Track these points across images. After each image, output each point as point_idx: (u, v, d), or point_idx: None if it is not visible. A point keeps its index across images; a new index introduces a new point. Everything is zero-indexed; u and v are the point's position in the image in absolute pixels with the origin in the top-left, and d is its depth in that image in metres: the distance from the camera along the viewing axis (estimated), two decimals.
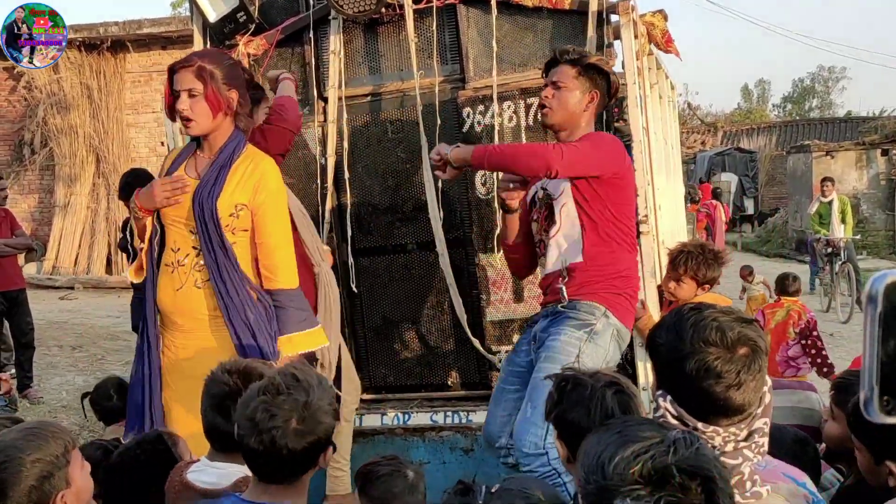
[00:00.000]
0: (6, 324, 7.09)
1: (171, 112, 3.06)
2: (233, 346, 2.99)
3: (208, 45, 4.20)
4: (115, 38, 13.50)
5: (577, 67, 3.21)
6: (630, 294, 3.27)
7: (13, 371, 6.79)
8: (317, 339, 3.15)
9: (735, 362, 1.64)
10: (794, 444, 2.54)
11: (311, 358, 3.17)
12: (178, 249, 3.06)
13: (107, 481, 2.59)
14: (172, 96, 3.01)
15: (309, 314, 3.16)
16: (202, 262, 3.03)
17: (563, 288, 3.16)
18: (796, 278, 6.66)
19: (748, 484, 1.65)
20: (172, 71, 3.03)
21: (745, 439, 1.68)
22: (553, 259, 3.27)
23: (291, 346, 3.06)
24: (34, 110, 14.06)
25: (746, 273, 9.12)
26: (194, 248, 3.04)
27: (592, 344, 3.08)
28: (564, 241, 3.24)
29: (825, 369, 5.90)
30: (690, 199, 13.02)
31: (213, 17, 4.08)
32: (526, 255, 3.50)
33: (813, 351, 6.02)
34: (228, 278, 3.00)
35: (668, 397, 1.69)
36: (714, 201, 14.97)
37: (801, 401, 3.10)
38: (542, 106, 3.29)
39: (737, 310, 1.81)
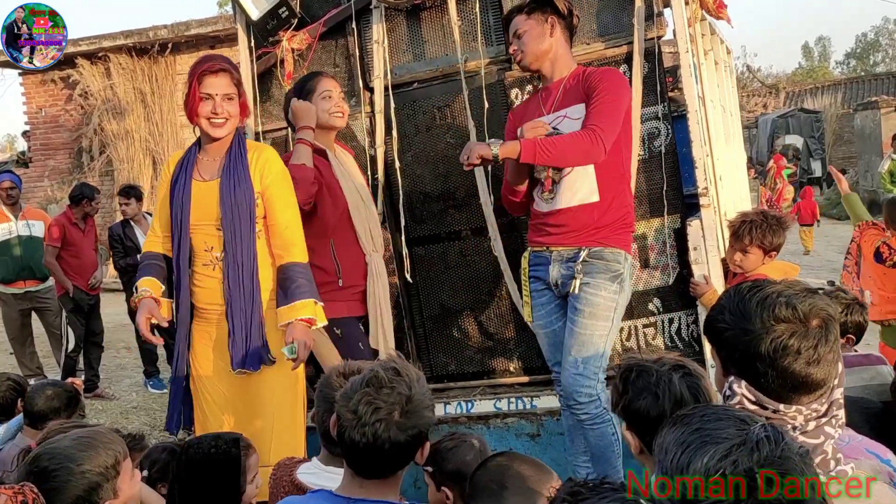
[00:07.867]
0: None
1: (194, 112, 3.22)
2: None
3: (252, 43, 4.21)
4: (165, 41, 13.69)
5: (523, 11, 3.37)
6: (630, 223, 3.45)
7: (83, 377, 7.01)
8: (315, 310, 3.21)
9: (811, 336, 1.57)
10: (876, 418, 2.45)
11: None
12: (212, 248, 3.25)
13: (178, 464, 2.66)
14: (200, 98, 3.20)
15: (314, 290, 3.24)
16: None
17: (584, 233, 3.30)
18: None
19: (832, 463, 1.58)
20: (198, 73, 3.21)
21: (825, 414, 1.61)
22: (565, 198, 3.34)
23: (292, 311, 3.16)
24: (90, 117, 14.35)
25: None
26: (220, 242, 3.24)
27: (623, 293, 3.33)
28: (578, 180, 3.31)
29: None
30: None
31: (255, 14, 4.09)
32: (526, 196, 3.54)
33: None
34: (241, 274, 3.19)
35: (743, 382, 1.62)
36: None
37: (874, 377, 2.98)
38: (514, 59, 3.49)
39: (799, 280, 1.72)
